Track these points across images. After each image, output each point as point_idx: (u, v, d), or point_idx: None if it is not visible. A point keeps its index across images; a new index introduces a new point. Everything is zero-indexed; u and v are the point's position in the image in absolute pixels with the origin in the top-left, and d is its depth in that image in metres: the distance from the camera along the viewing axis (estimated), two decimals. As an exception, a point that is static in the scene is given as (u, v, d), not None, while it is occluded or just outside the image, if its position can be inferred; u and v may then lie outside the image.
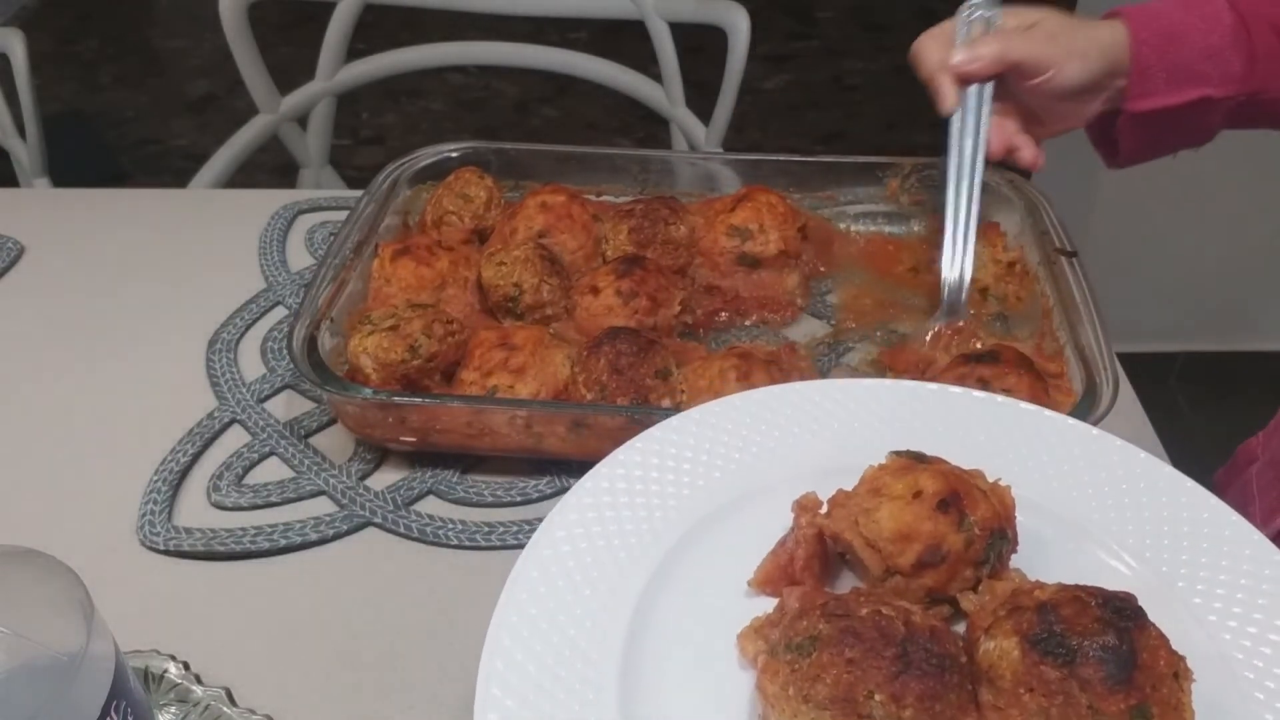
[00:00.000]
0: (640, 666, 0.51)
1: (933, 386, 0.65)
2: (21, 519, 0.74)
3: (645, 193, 0.98)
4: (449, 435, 0.75)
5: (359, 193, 0.94)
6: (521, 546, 0.70)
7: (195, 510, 0.74)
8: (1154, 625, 0.46)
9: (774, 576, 0.54)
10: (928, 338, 0.83)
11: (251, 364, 0.87)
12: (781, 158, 0.97)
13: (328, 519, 0.73)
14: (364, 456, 0.78)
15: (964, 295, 0.84)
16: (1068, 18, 0.82)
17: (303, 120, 1.57)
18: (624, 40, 1.53)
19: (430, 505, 0.75)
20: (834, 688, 0.44)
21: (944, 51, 0.83)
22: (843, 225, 0.97)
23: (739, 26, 1.37)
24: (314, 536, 0.72)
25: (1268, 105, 0.79)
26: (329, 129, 1.60)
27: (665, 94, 1.46)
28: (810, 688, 0.45)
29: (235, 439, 0.80)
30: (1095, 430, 0.62)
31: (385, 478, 0.77)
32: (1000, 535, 0.52)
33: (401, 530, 0.73)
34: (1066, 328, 0.78)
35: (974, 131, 0.84)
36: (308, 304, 0.79)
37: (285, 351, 0.79)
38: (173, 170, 2.01)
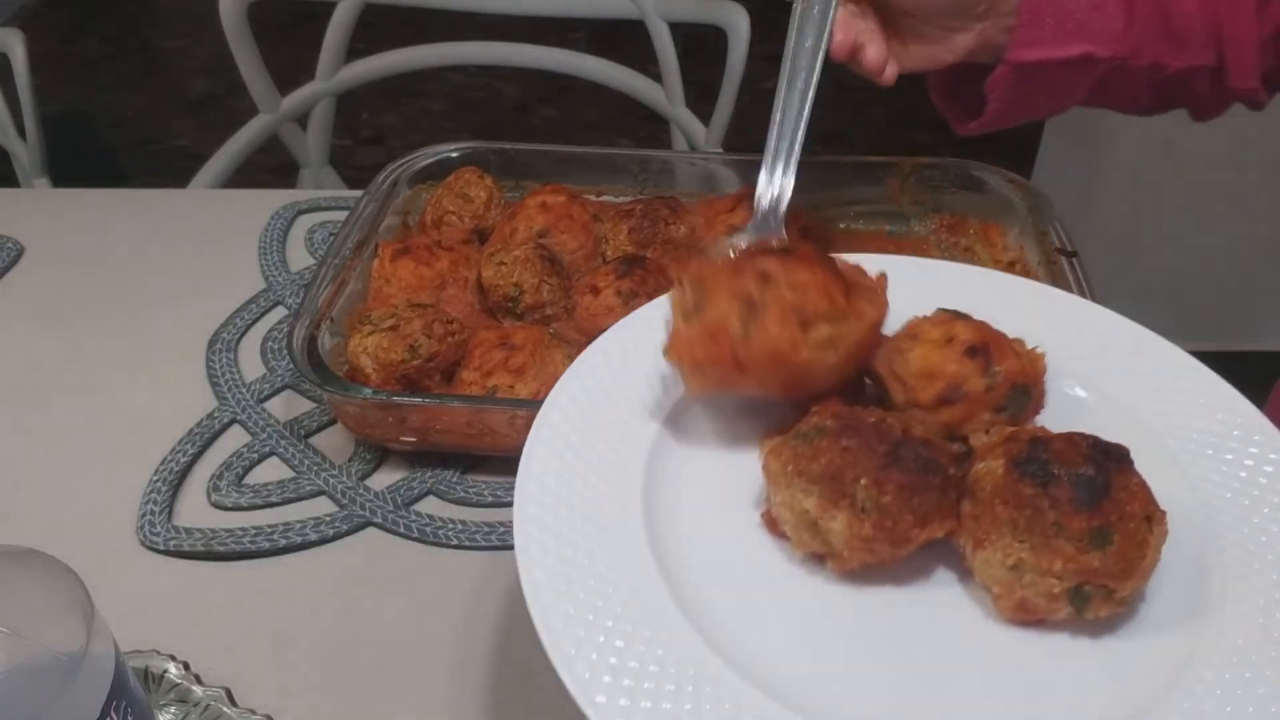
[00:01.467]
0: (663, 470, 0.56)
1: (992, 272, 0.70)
2: (21, 519, 0.74)
3: (645, 193, 0.98)
4: (449, 435, 0.75)
5: (359, 193, 0.94)
6: (521, 546, 0.70)
7: (195, 510, 0.74)
8: (1139, 475, 0.49)
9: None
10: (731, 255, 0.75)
11: (251, 364, 0.87)
12: (782, 158, 0.97)
13: (328, 519, 0.73)
14: (364, 456, 0.78)
15: (781, 210, 0.77)
16: None
17: (303, 120, 1.57)
18: (624, 40, 1.53)
19: (430, 505, 0.75)
20: (826, 468, 0.49)
21: None
22: (843, 225, 0.97)
23: (739, 26, 1.37)
24: (314, 536, 0.72)
25: (1131, 75, 0.75)
26: (329, 129, 1.60)
27: (665, 94, 1.46)
28: (805, 465, 0.50)
29: (235, 439, 0.80)
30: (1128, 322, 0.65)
31: (385, 478, 0.77)
32: (1023, 390, 0.55)
33: (401, 530, 0.73)
34: (1066, 328, 0.78)
35: (817, 22, 0.76)
36: (308, 304, 0.79)
37: (285, 351, 0.79)
38: (173, 170, 2.01)
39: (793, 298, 0.54)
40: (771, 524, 0.53)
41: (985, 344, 0.55)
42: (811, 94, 0.77)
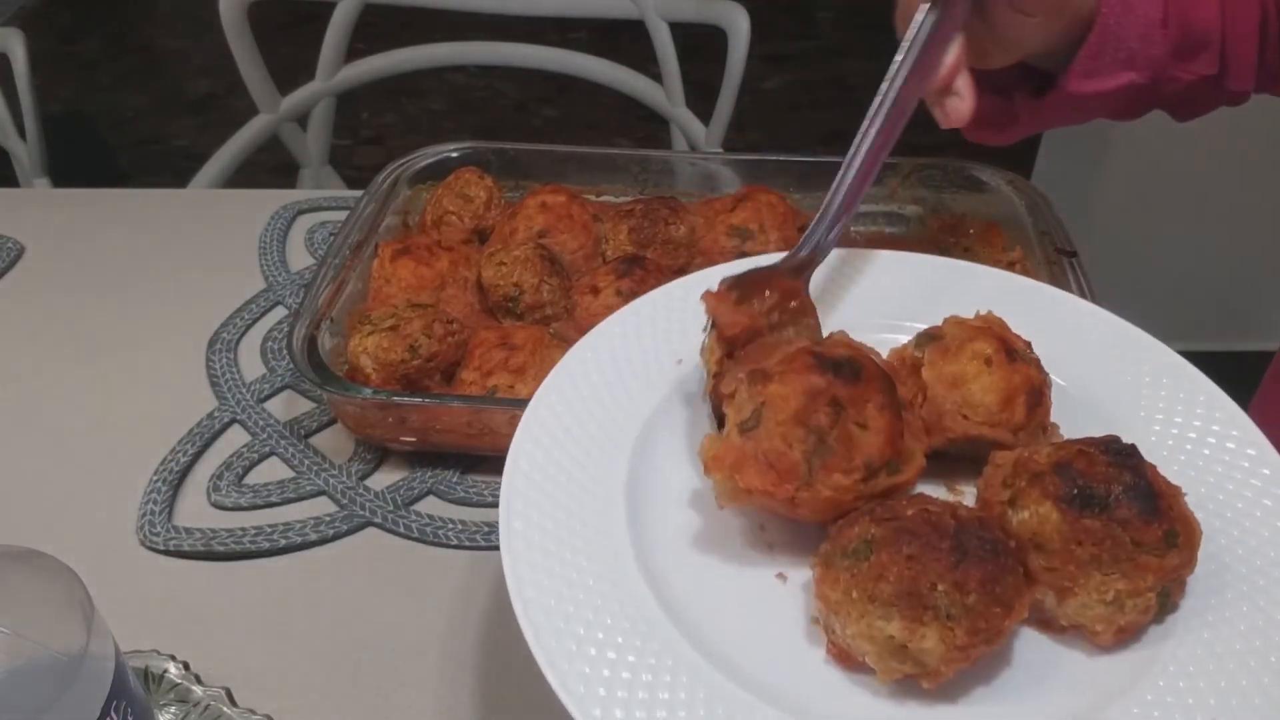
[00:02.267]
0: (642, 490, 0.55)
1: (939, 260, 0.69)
2: (21, 519, 0.74)
3: (645, 193, 0.98)
4: (449, 435, 0.75)
5: (359, 193, 0.94)
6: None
7: (195, 510, 0.74)
8: (1144, 458, 0.50)
9: None
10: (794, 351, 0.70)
11: (251, 364, 0.87)
12: (781, 158, 0.97)
13: (328, 519, 0.73)
14: (364, 456, 0.78)
15: (832, 235, 0.65)
16: None
17: (303, 120, 1.57)
18: (624, 40, 1.53)
19: (430, 505, 0.75)
20: (898, 584, 0.46)
21: None
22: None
23: (739, 26, 1.37)
24: (314, 536, 0.72)
25: (1142, 91, 0.73)
26: (329, 129, 1.60)
27: (665, 94, 1.46)
28: (874, 587, 0.46)
29: (235, 439, 0.80)
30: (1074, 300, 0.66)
31: (385, 478, 0.77)
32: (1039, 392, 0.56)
33: (401, 530, 0.73)
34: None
35: (914, 63, 0.69)
36: (308, 304, 0.79)
37: (285, 351, 0.79)
38: (173, 170, 2.01)
39: (861, 439, 0.51)
40: (844, 658, 0.48)
41: (1007, 343, 0.56)
42: (894, 125, 0.68)
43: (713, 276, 0.61)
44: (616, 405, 0.58)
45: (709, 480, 0.52)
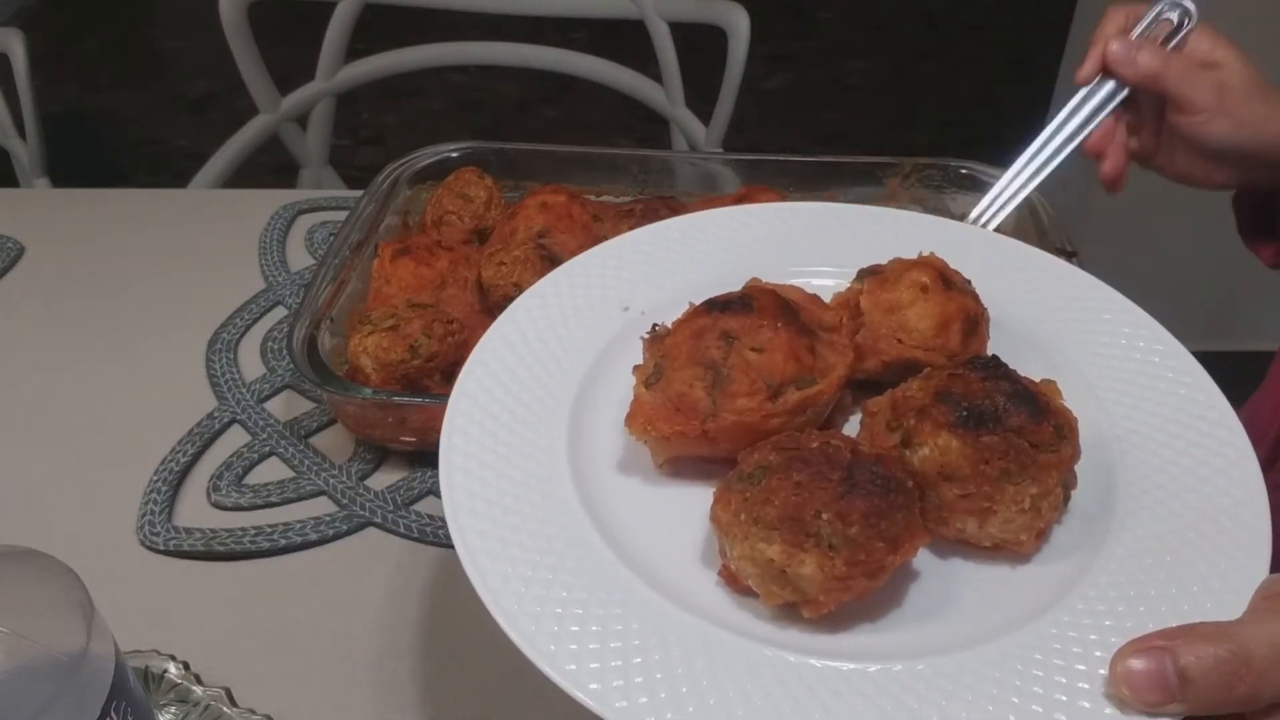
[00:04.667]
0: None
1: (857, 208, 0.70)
2: (21, 519, 0.74)
3: (645, 193, 0.98)
4: (449, 435, 0.75)
5: (359, 193, 0.94)
6: (521, 546, 0.70)
7: (195, 510, 0.74)
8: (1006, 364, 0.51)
9: None
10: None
11: (251, 364, 0.87)
12: (781, 158, 0.97)
13: (328, 519, 0.73)
14: (364, 456, 0.78)
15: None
16: (1257, 78, 0.75)
17: (303, 120, 1.57)
18: (624, 40, 1.53)
19: (430, 505, 0.75)
20: (782, 509, 0.46)
21: (1122, 26, 0.78)
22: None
23: (739, 26, 1.37)
24: (314, 536, 0.72)
25: None
26: (329, 129, 1.60)
27: (665, 94, 1.47)
28: (760, 510, 0.46)
29: (235, 439, 0.80)
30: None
31: (385, 478, 0.77)
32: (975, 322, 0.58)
33: (401, 530, 0.73)
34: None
35: (1084, 118, 0.78)
36: (308, 304, 0.79)
37: (285, 351, 0.79)
38: (173, 170, 2.01)
39: (758, 361, 0.52)
40: (732, 579, 0.49)
41: (942, 273, 0.58)
42: (1044, 172, 0.79)
43: (661, 230, 0.67)
44: (561, 347, 0.60)
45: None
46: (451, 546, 0.72)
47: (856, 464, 0.47)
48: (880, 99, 2.98)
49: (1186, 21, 0.76)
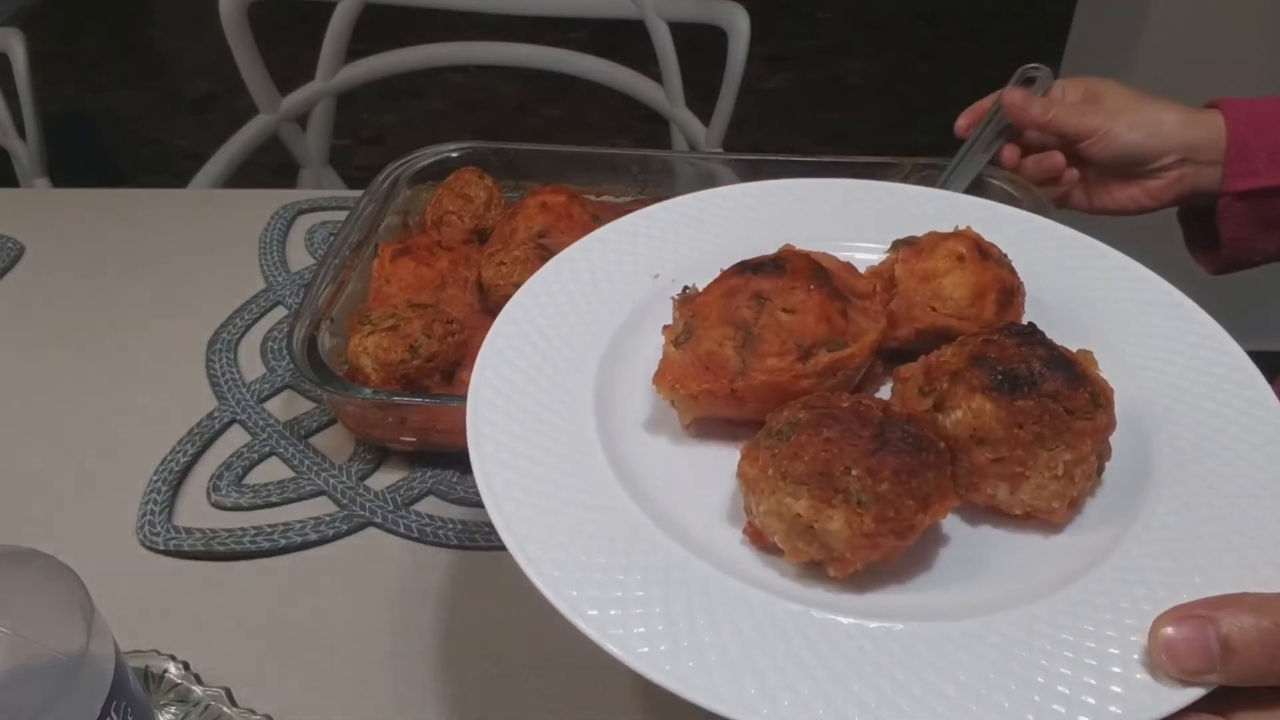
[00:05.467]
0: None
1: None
2: (21, 519, 0.74)
3: (645, 193, 0.98)
4: (449, 435, 0.75)
5: (359, 193, 0.94)
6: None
7: (195, 510, 0.74)
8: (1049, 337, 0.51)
9: None
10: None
11: (251, 364, 0.87)
12: (781, 158, 0.97)
13: (328, 519, 0.73)
14: (364, 456, 0.78)
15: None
16: (1136, 92, 0.85)
17: (303, 120, 1.57)
18: (624, 40, 1.53)
19: (430, 505, 0.75)
20: (811, 464, 0.45)
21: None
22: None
23: (739, 26, 1.37)
24: (314, 536, 0.72)
25: None
26: (329, 129, 1.60)
27: (665, 94, 1.46)
28: (788, 465, 0.46)
29: (235, 439, 0.80)
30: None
31: (385, 478, 0.77)
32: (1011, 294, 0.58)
33: (401, 530, 0.73)
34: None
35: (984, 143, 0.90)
36: (308, 304, 0.79)
37: (285, 351, 0.79)
38: (173, 170, 2.01)
39: (789, 322, 0.52)
40: (757, 537, 0.48)
41: (979, 245, 0.58)
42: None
43: (693, 200, 0.67)
44: (591, 310, 0.60)
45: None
46: (452, 547, 0.72)
47: (888, 422, 0.46)
48: (880, 99, 2.98)
49: (1043, 77, 0.89)
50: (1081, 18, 1.92)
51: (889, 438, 0.45)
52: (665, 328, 0.56)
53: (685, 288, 0.57)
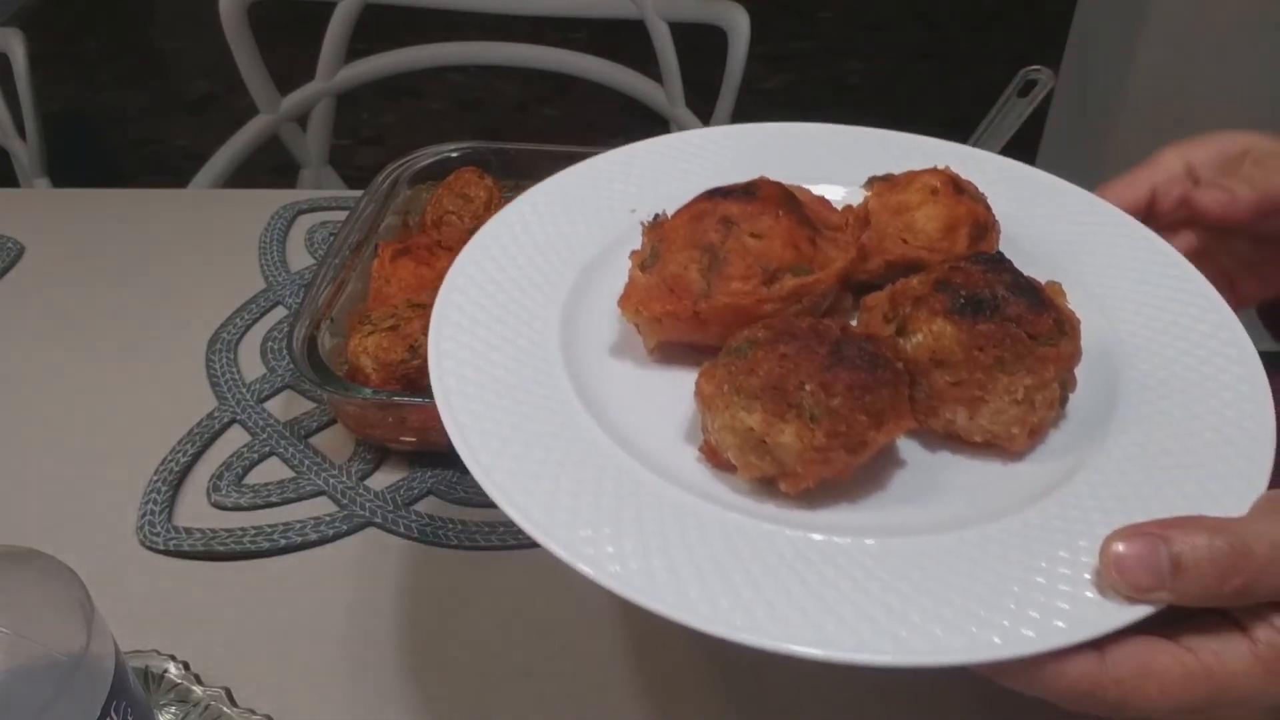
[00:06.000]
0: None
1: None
2: (21, 519, 0.74)
3: (645, 193, 0.98)
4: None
5: (359, 193, 0.94)
6: (521, 547, 0.70)
7: (195, 510, 0.74)
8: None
9: None
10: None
11: (251, 364, 0.87)
12: (781, 158, 0.97)
13: (328, 519, 0.73)
14: (364, 456, 0.78)
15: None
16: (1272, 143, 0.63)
17: (303, 120, 1.57)
18: (624, 40, 1.53)
19: (430, 505, 0.75)
20: (765, 378, 0.45)
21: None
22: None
23: (739, 26, 1.37)
24: (314, 536, 0.72)
25: None
26: (329, 129, 1.60)
27: (665, 94, 1.46)
28: (743, 380, 0.46)
29: (235, 439, 0.80)
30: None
31: (385, 478, 0.77)
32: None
33: (401, 530, 0.73)
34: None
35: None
36: (308, 304, 0.79)
37: (285, 351, 0.79)
38: (173, 170, 2.01)
39: (756, 247, 0.52)
40: (712, 454, 0.48)
41: (955, 181, 0.57)
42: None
43: (674, 140, 0.68)
44: (564, 241, 0.60)
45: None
46: (452, 547, 0.72)
47: (845, 340, 0.46)
48: (880, 99, 2.98)
49: (1044, 79, 0.84)
50: (1081, 18, 1.92)
51: (845, 354, 0.46)
52: (633, 253, 0.56)
53: (656, 215, 0.57)
